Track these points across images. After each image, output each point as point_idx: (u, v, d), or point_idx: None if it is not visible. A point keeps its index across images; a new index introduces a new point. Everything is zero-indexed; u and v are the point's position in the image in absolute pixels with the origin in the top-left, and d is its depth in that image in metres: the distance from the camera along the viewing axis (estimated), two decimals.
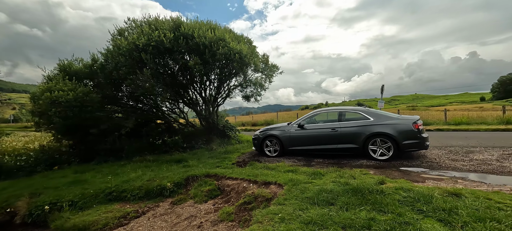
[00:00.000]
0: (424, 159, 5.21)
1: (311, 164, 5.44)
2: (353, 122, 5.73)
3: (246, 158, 6.69)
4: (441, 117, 13.03)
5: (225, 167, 5.45)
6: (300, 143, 6.22)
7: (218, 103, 10.19)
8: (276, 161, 6.01)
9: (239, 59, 7.31)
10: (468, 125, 10.71)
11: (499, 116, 11.10)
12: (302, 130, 6.21)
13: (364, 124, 5.55)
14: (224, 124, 10.47)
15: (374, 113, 5.67)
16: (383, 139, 5.28)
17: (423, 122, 12.84)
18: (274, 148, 6.53)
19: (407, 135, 5.11)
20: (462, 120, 11.34)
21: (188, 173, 4.78)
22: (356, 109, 6.03)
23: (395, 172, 4.31)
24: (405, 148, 5.12)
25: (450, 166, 4.52)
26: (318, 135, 6.01)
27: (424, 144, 5.09)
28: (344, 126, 5.73)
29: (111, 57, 6.65)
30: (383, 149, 5.30)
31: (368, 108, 6.11)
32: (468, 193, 2.66)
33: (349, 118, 5.98)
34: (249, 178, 4.12)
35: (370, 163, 5.21)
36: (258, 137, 6.82)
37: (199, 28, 6.98)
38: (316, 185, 3.45)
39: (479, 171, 4.15)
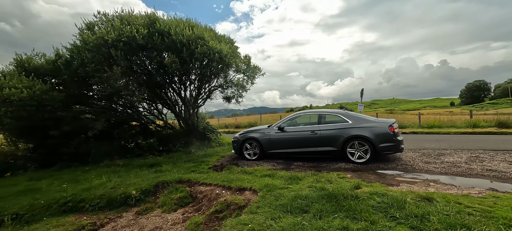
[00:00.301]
0: (399, 161, 5.29)
1: (290, 168, 5.32)
2: (332, 125, 5.71)
3: (224, 161, 6.43)
4: (415, 120, 13.65)
5: (201, 172, 5.16)
6: (280, 146, 6.10)
7: (199, 105, 9.84)
8: (255, 164, 5.82)
9: (219, 59, 7.06)
10: (439, 128, 11.29)
11: (467, 120, 11.85)
12: (282, 132, 6.10)
13: (343, 126, 5.55)
14: (205, 126, 10.12)
15: (353, 116, 5.69)
16: (361, 142, 5.30)
17: (399, 125, 13.38)
18: (253, 151, 6.35)
19: (384, 138, 5.17)
20: (435, 124, 11.95)
21: (159, 179, 4.44)
22: (336, 112, 6.04)
23: (372, 175, 4.30)
24: (382, 151, 5.17)
25: (423, 169, 4.61)
26: (298, 138, 5.92)
27: (399, 147, 5.18)
28: (324, 129, 5.70)
29: (77, 52, 6.10)
30: (360, 152, 5.32)
31: (347, 111, 6.15)
32: (439, 197, 2.64)
33: (328, 120, 5.96)
34: (224, 184, 3.88)
35: (348, 166, 5.20)
36: (237, 140, 6.60)
37: (177, 26, 6.65)
38: (292, 190, 3.30)
39: (450, 173, 4.26)
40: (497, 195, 2.81)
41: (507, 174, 4.00)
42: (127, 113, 8.49)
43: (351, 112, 6.09)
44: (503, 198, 2.64)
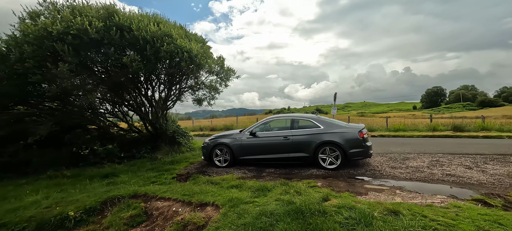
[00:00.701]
0: (368, 166, 5.34)
1: (261, 176, 5.07)
2: (305, 130, 5.59)
3: (192, 169, 5.97)
4: (383, 123, 14.41)
5: (162, 183, 4.66)
6: (252, 152, 5.82)
7: (168, 107, 9.17)
8: (224, 172, 5.46)
9: (188, 59, 6.57)
10: (404, 131, 12.00)
11: (428, 124, 12.80)
12: (254, 138, 5.83)
13: (315, 132, 5.45)
14: (175, 129, 9.46)
15: (324, 122, 5.64)
16: (332, 148, 5.25)
17: (369, 129, 14.09)
18: (224, 157, 5.99)
19: (354, 143, 5.17)
20: (400, 127, 12.69)
21: (109, 193, 3.86)
22: (308, 117, 5.94)
23: (342, 183, 4.22)
24: (352, 157, 5.17)
25: (390, 174, 4.67)
26: (270, 144, 5.70)
27: (368, 153, 5.22)
28: (296, 134, 5.56)
29: (15, 45, 5.18)
30: (332, 157, 5.27)
31: (319, 116, 6.09)
32: (405, 210, 2.56)
33: (301, 125, 5.85)
34: (184, 198, 3.47)
35: (320, 172, 5.10)
36: (207, 146, 6.19)
37: (140, 20, 6.03)
38: (258, 205, 3.02)
39: (414, 178, 4.35)
40: (457, 204, 2.83)
41: (464, 179, 4.18)
42: (83, 116, 7.55)
43: (323, 117, 6.04)
44: (464, 208, 2.65)
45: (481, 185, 3.78)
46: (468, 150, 6.77)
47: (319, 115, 6.21)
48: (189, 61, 6.62)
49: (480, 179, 4.07)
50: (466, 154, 6.18)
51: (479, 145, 7.60)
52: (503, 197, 3.12)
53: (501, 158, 5.62)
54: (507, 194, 3.29)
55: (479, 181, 4.01)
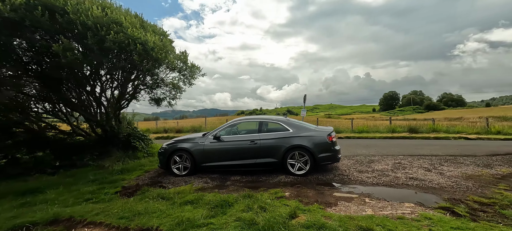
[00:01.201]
0: (337, 171, 5.19)
1: (225, 185, 4.52)
2: (273, 134, 5.22)
3: (145, 179, 5.14)
4: (349, 125, 15.02)
5: (100, 200, 3.79)
6: (215, 158, 5.24)
7: (122, 106, 8.02)
8: (183, 182, 4.78)
9: (143, 52, 5.69)
10: (367, 133, 12.60)
11: (387, 125, 13.69)
12: (219, 142, 5.26)
13: (284, 135, 5.11)
14: (131, 132, 8.32)
15: (294, 124, 5.34)
16: (301, 152, 4.96)
17: (336, 130, 14.53)
18: (184, 164, 5.28)
19: (323, 147, 4.95)
20: (364, 129, 13.31)
21: (17, 220, 2.91)
22: (277, 119, 5.58)
23: (310, 191, 3.91)
24: (321, 162, 4.94)
25: (358, 179, 4.54)
26: (236, 148, 5.19)
27: (337, 157, 5.05)
28: (264, 138, 5.15)
29: None
30: (301, 163, 4.98)
31: (288, 118, 5.79)
32: (379, 227, 2.28)
33: (269, 128, 5.46)
34: (120, 223, 2.74)
35: (288, 179, 4.76)
36: (164, 151, 5.41)
37: (78, 2, 4.98)
38: (213, 229, 2.48)
39: (381, 183, 4.27)
40: (428, 215, 2.68)
41: (425, 182, 4.22)
42: (6, 116, 6.06)
43: (292, 119, 5.75)
44: (435, 220, 2.50)
45: (442, 189, 3.81)
46: (424, 151, 7.17)
47: (288, 117, 5.91)
48: (144, 54, 5.74)
49: (440, 183, 4.14)
50: (423, 156, 6.50)
51: (432, 146, 8.17)
52: (465, 203, 3.11)
53: (453, 159, 6.00)
54: (467, 198, 3.31)
55: (440, 184, 4.07)
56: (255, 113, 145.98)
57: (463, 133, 11.11)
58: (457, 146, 8.09)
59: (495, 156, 6.19)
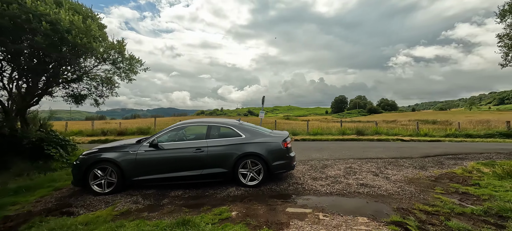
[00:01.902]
0: (291, 179, 4.87)
1: (160, 205, 3.67)
2: (223, 140, 4.58)
3: (47, 203, 3.86)
4: (305, 127, 15.46)
5: None
6: (152, 170, 4.30)
7: (30, 103, 6.21)
8: (103, 204, 3.72)
9: (52, 33, 4.33)
10: (321, 135, 13.10)
11: (339, 128, 14.55)
12: (157, 150, 4.35)
13: (235, 142, 4.53)
14: (44, 137, 6.53)
15: (247, 129, 4.80)
16: (254, 161, 4.46)
17: (293, 132, 14.76)
18: (108, 180, 4.18)
19: (277, 155, 4.55)
20: (318, 131, 13.83)
21: None
22: (228, 123, 4.95)
23: (262, 208, 3.41)
24: (275, 170, 4.53)
25: (312, 189, 4.27)
26: (178, 157, 4.37)
27: (291, 164, 4.72)
28: (213, 145, 4.47)
29: None
30: (253, 172, 4.47)
31: (241, 122, 5.24)
32: None
33: (220, 133, 4.80)
34: None
35: (239, 191, 4.19)
36: (80, 164, 4.19)
37: None
38: None
39: (334, 192, 4.07)
40: None
41: (375, 188, 4.20)
42: None
43: (245, 123, 5.22)
44: None
45: (390, 197, 3.80)
46: (370, 154, 7.57)
47: (241, 121, 5.37)
48: (54, 37, 4.38)
49: (388, 189, 4.17)
50: (370, 159, 6.80)
51: (377, 148, 8.78)
52: (413, 213, 3.05)
53: (395, 162, 6.41)
54: (414, 207, 3.30)
55: (387, 191, 4.09)
56: (215, 113, 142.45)
57: (399, 135, 12.53)
58: (396, 148, 8.88)
59: (427, 158, 6.88)
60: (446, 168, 5.82)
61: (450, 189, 4.15)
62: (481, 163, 5.99)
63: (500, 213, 2.94)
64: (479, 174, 5.15)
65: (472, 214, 3.00)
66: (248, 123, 5.53)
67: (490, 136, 11.51)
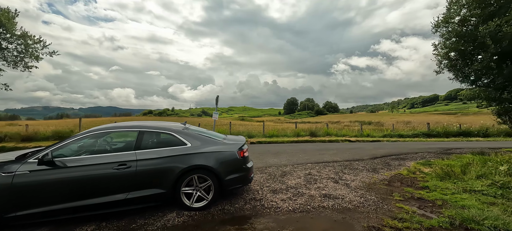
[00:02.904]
0: (247, 194, 4.11)
1: None
2: (161, 150, 3.47)
3: None
4: (260, 129, 15.09)
5: None
6: (42, 200, 2.89)
7: None
8: None
9: None
10: (277, 137, 12.90)
11: (293, 129, 14.70)
12: (53, 169, 2.94)
13: (178, 152, 3.49)
14: None
15: (194, 135, 3.81)
16: (203, 176, 3.51)
17: (249, 135, 14.08)
18: None
19: (232, 166, 3.71)
20: (274, 133, 13.60)
21: None
22: (168, 128, 3.83)
23: None
24: (229, 186, 3.68)
25: (273, 206, 3.60)
26: (90, 178, 3.06)
27: (248, 177, 3.94)
28: (146, 157, 3.33)
29: None
30: (201, 190, 3.52)
31: (187, 126, 4.19)
32: None
33: (155, 142, 3.67)
34: None
35: (181, 218, 3.20)
36: None
37: None
38: None
39: (297, 209, 3.49)
40: None
41: (338, 200, 3.83)
42: None
43: (192, 128, 4.20)
44: None
45: (356, 210, 3.44)
46: (326, 157, 7.51)
47: (187, 125, 4.33)
48: None
49: (351, 200, 3.85)
50: (327, 163, 6.67)
51: (330, 150, 8.91)
52: None
53: (349, 165, 6.41)
54: (383, 223, 2.96)
55: (351, 202, 3.76)
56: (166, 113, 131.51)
57: (347, 136, 13.42)
58: (347, 149, 9.22)
59: (375, 159, 7.19)
60: (393, 169, 6.07)
61: (406, 194, 4.12)
62: (420, 163, 6.52)
63: (465, 224, 2.83)
64: (422, 175, 5.46)
65: (440, 228, 2.81)
66: (196, 127, 4.51)
67: (416, 136, 13.51)
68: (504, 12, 4.63)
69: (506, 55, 4.53)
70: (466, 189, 4.09)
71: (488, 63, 4.69)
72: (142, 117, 68.60)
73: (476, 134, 13.59)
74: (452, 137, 13.59)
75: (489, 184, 4.06)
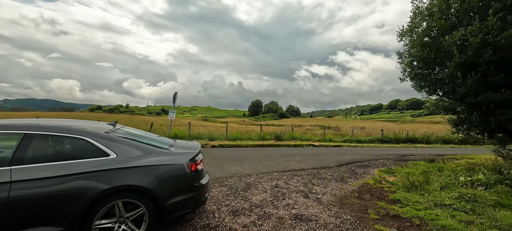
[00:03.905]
0: (199, 219, 3.15)
1: None
2: (59, 166, 2.26)
3: None
4: (224, 130, 14.04)
5: None
6: None
7: None
8: None
9: None
10: (241, 140, 12.07)
11: (258, 132, 14.07)
12: None
13: (92, 167, 2.33)
14: None
15: (123, 141, 2.67)
16: (132, 201, 2.43)
17: (210, 137, 12.85)
18: None
19: (178, 185, 2.72)
20: (237, 136, 12.74)
21: None
22: (79, 129, 2.57)
23: None
24: (172, 213, 2.66)
25: None
26: None
27: (201, 198, 2.96)
28: (29, 178, 2.10)
29: None
30: (129, 223, 2.43)
31: (116, 128, 3.01)
32: None
33: (53, 151, 2.41)
34: None
35: None
36: None
37: None
38: None
39: None
40: None
41: (312, 223, 3.18)
42: None
43: (124, 131, 3.04)
44: None
45: None
46: (293, 164, 6.98)
47: (118, 126, 3.15)
48: None
49: (326, 222, 3.24)
50: (294, 171, 6.11)
51: (296, 156, 8.48)
52: None
53: (317, 174, 5.96)
54: None
55: (326, 225, 3.14)
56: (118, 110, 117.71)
57: (311, 140, 13.44)
58: (313, 155, 8.93)
59: (341, 167, 6.96)
60: (360, 177, 5.85)
61: (381, 211, 3.72)
62: (383, 171, 6.49)
63: None
64: (388, 184, 5.29)
65: None
66: (131, 130, 3.35)
67: (372, 141, 14.38)
68: (466, 24, 4.71)
69: (469, 65, 4.58)
70: (436, 203, 3.91)
71: (453, 72, 4.68)
72: (89, 114, 59.91)
73: (420, 140, 15.27)
74: (402, 143, 14.91)
75: (457, 197, 3.96)
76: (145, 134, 3.43)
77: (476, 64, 4.61)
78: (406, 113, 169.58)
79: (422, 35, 5.67)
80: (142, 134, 3.40)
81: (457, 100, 5.25)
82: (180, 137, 11.39)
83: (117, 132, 2.88)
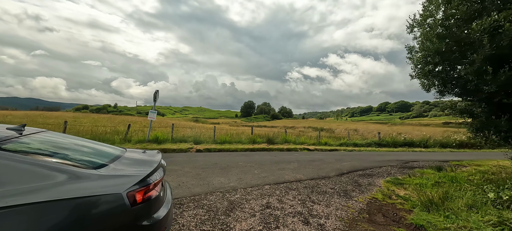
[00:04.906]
0: None
1: None
2: None
3: None
4: (212, 133, 12.98)
5: None
6: None
7: None
8: None
9: None
10: (230, 144, 11.05)
11: (249, 135, 13.09)
12: None
13: None
14: None
15: (20, 160, 1.61)
16: None
17: (197, 139, 11.62)
18: None
19: (110, 229, 1.70)
20: (226, 138, 11.71)
21: None
22: None
23: None
24: None
25: None
26: None
27: None
28: None
29: None
30: None
31: (20, 136, 1.96)
32: None
33: None
34: None
35: None
36: None
37: None
38: None
39: None
40: None
41: None
42: None
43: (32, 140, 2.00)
44: None
45: None
46: (287, 174, 6.04)
47: (26, 132, 2.11)
48: None
49: None
50: (289, 183, 5.18)
51: (291, 163, 7.55)
52: None
53: (316, 186, 5.06)
54: None
55: None
56: (105, 110, 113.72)
57: (305, 144, 12.58)
58: (308, 161, 8.04)
59: (342, 176, 6.09)
60: (365, 191, 4.98)
61: None
62: (390, 182, 5.66)
63: None
64: (400, 200, 4.45)
65: None
66: (52, 137, 2.30)
67: (369, 145, 13.71)
68: (496, 9, 3.91)
69: (503, 57, 3.77)
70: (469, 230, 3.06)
71: (480, 67, 3.85)
72: (74, 113, 57.01)
73: (418, 144, 14.74)
74: (399, 147, 14.30)
75: (496, 224, 3.12)
76: (79, 142, 2.39)
77: (509, 57, 3.82)
78: (395, 115, 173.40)
79: (438, 25, 4.87)
80: (74, 141, 2.36)
81: (481, 101, 4.48)
82: (161, 140, 10.23)
83: (17, 142, 1.83)
